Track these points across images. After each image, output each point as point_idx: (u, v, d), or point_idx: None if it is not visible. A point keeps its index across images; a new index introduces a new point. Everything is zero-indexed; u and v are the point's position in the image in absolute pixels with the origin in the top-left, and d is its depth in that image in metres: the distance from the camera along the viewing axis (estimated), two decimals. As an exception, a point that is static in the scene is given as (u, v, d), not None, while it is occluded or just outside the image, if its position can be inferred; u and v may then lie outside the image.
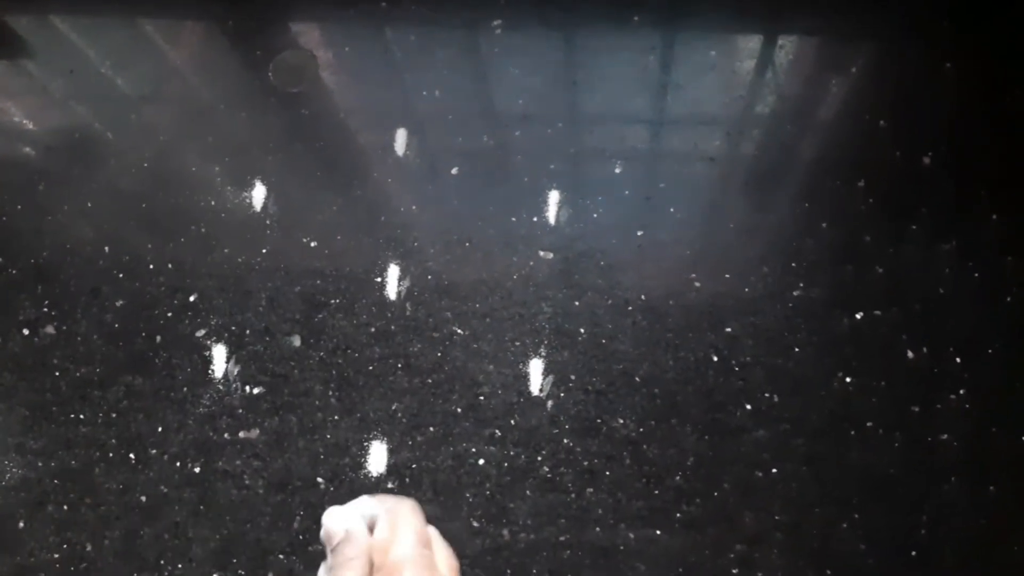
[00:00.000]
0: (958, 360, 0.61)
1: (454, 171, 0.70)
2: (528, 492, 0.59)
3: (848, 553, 0.56)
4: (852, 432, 0.60)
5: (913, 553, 0.56)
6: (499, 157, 0.72)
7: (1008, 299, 0.63)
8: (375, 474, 0.59)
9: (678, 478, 0.59)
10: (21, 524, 0.59)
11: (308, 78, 0.77)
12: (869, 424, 0.60)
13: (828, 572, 0.55)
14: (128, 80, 0.80)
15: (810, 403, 0.61)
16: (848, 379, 0.61)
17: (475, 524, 0.57)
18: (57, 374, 0.65)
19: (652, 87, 0.75)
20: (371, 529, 0.49)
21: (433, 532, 0.49)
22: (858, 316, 0.63)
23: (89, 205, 0.72)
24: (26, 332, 0.66)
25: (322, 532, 0.51)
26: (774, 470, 0.59)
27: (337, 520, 0.53)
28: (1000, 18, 0.76)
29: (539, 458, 0.60)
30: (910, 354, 0.62)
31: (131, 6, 0.84)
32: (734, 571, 0.56)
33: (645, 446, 0.60)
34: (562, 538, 0.57)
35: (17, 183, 0.74)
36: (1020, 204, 0.67)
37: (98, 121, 0.77)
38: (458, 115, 0.74)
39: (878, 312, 0.63)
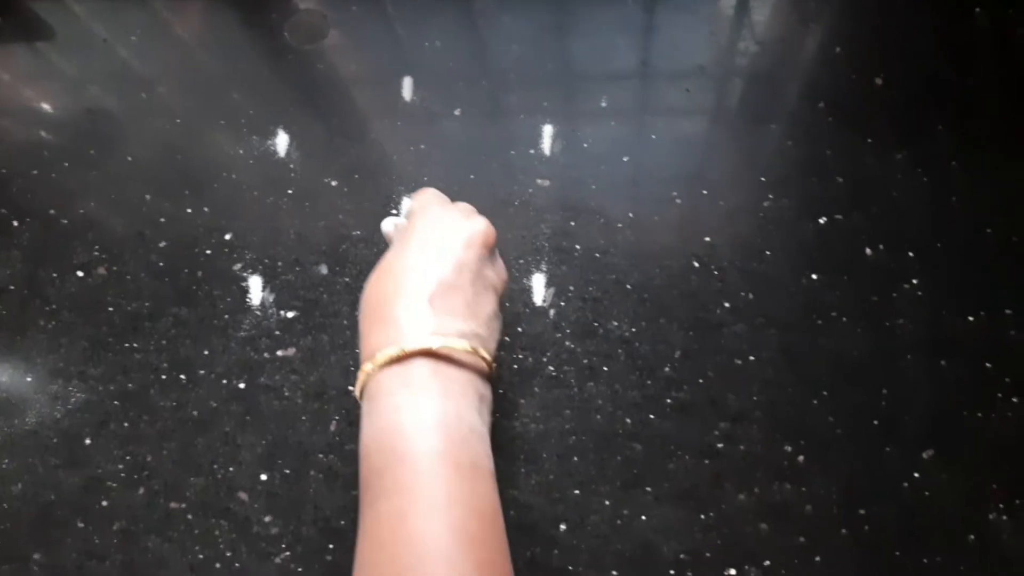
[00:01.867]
0: (911, 254, 0.63)
1: (457, 112, 0.72)
2: (536, 389, 0.60)
3: (819, 425, 0.58)
4: (819, 322, 0.62)
5: (875, 422, 0.58)
6: (497, 98, 0.73)
7: (953, 199, 0.65)
8: (400, 380, 0.62)
9: (667, 369, 0.61)
10: (88, 441, 0.61)
11: (321, 35, 0.78)
12: (834, 314, 0.62)
13: (802, 442, 0.57)
14: (150, 53, 0.80)
15: (782, 299, 0.63)
16: (815, 276, 0.63)
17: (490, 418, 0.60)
18: (111, 309, 0.66)
19: (633, 28, 0.76)
20: None
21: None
22: (822, 221, 0.65)
23: (130, 159, 0.73)
24: (80, 274, 0.68)
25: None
26: (751, 358, 0.61)
27: (386, 224, 0.54)
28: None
29: (544, 359, 0.62)
30: (868, 251, 0.64)
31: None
32: (719, 445, 0.58)
33: (637, 344, 0.62)
34: (567, 426, 0.59)
35: (64, 145, 0.75)
36: (963, 116, 0.68)
37: (128, 91, 0.78)
38: (458, 62, 0.76)
39: (840, 217, 0.65)
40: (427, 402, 0.39)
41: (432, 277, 0.43)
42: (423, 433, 0.38)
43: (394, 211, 0.68)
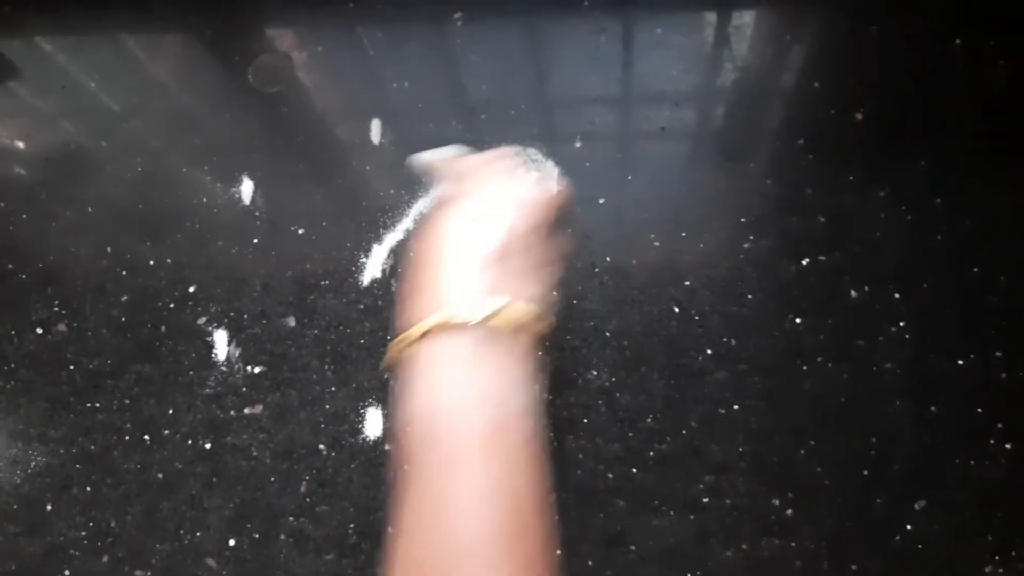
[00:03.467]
0: (896, 295, 0.63)
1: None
2: (514, 443, 0.60)
3: (806, 476, 0.57)
4: (804, 367, 0.61)
5: (864, 472, 0.57)
6: (467, 140, 0.72)
7: (938, 237, 0.65)
8: (372, 437, 0.61)
9: (649, 420, 0.60)
10: (49, 507, 0.60)
11: (286, 78, 0.77)
12: (819, 359, 0.61)
13: (789, 494, 0.57)
14: (115, 93, 0.80)
15: (764, 344, 0.62)
16: (798, 320, 0.63)
17: (468, 477, 0.59)
18: (71, 367, 0.65)
19: (604, 66, 0.76)
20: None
21: None
22: (804, 262, 0.65)
23: (89, 210, 0.72)
24: (39, 331, 0.67)
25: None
26: (735, 406, 0.60)
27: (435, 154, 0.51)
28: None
29: (522, 412, 0.61)
30: (853, 293, 0.63)
31: (113, 22, 0.85)
32: (705, 499, 0.57)
33: (618, 394, 0.61)
34: (548, 483, 0.59)
35: (20, 195, 0.74)
36: (945, 150, 0.68)
37: (90, 133, 0.78)
38: (427, 104, 0.75)
39: (822, 257, 0.65)
40: (470, 379, 0.38)
41: (483, 243, 0.41)
42: (465, 414, 0.37)
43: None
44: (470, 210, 0.43)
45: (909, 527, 0.56)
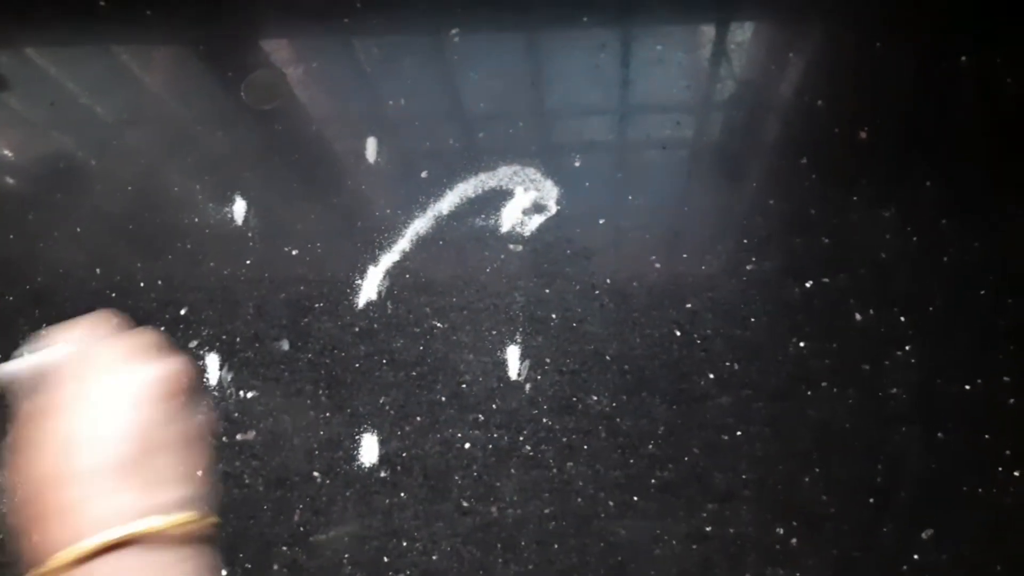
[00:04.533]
0: (902, 319, 0.63)
1: (424, 174, 0.71)
2: (513, 470, 0.59)
3: (812, 503, 0.57)
4: (808, 392, 0.61)
5: (871, 500, 0.57)
6: (466, 158, 0.72)
7: (945, 259, 0.65)
8: (367, 464, 0.60)
9: (651, 446, 0.60)
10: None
11: (280, 95, 0.77)
12: (824, 384, 0.61)
13: (794, 523, 0.57)
14: (107, 107, 0.80)
15: (768, 368, 0.62)
16: (802, 343, 0.63)
17: (465, 504, 0.58)
18: (60, 392, 0.65)
19: (604, 83, 0.76)
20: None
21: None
22: (808, 284, 0.65)
23: (78, 230, 0.72)
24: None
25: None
26: (739, 432, 0.60)
27: (10, 367, 0.39)
28: (923, -2, 0.78)
29: (521, 438, 0.61)
30: (858, 316, 0.63)
31: (105, 35, 0.84)
32: (708, 529, 0.57)
33: (619, 419, 0.61)
34: (547, 511, 0.58)
35: (7, 213, 0.74)
36: (952, 170, 0.68)
37: (81, 149, 0.77)
38: (424, 121, 0.75)
39: (826, 279, 0.65)
40: None
41: (99, 444, 0.34)
42: None
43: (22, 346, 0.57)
44: (78, 413, 0.35)
45: (916, 556, 0.55)
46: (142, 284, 0.69)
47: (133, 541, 0.31)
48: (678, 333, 0.64)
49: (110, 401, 0.34)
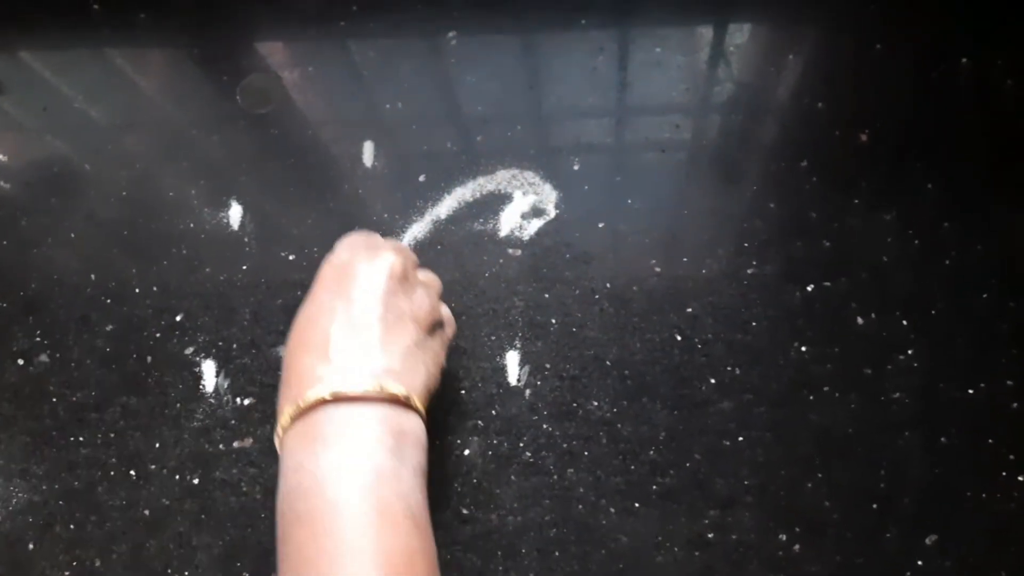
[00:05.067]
0: (904, 322, 0.63)
1: (421, 178, 0.71)
2: (513, 477, 0.59)
3: (814, 510, 0.57)
4: (810, 397, 0.61)
5: (874, 505, 0.57)
6: (463, 162, 0.72)
7: (947, 262, 0.65)
8: (366, 471, 0.60)
9: (652, 452, 0.60)
10: (31, 546, 0.59)
11: (275, 99, 0.77)
12: (826, 388, 0.61)
13: (797, 529, 0.57)
14: (101, 111, 0.79)
15: (769, 373, 0.62)
16: (803, 348, 0.63)
17: (464, 512, 0.58)
18: (54, 400, 0.64)
19: (602, 85, 0.75)
20: None
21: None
22: (809, 288, 0.65)
23: (72, 236, 0.72)
24: (21, 362, 0.66)
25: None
26: (740, 438, 0.60)
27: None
28: (922, 1, 0.78)
29: (521, 444, 0.60)
30: (859, 320, 0.63)
31: (99, 39, 0.84)
32: (709, 535, 0.57)
33: (619, 425, 0.61)
34: (547, 517, 0.58)
35: (1, 220, 0.74)
36: (953, 173, 0.68)
37: (74, 154, 0.77)
38: (421, 124, 0.75)
39: (827, 283, 0.65)
40: (326, 455, 0.40)
41: (335, 323, 0.44)
42: (323, 489, 0.38)
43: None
44: (322, 297, 0.47)
45: (920, 562, 0.55)
46: (137, 290, 0.69)
47: (331, 401, 0.41)
48: (678, 338, 0.64)
49: (345, 282, 0.46)
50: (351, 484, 0.38)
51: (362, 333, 0.43)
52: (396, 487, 0.39)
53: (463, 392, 0.62)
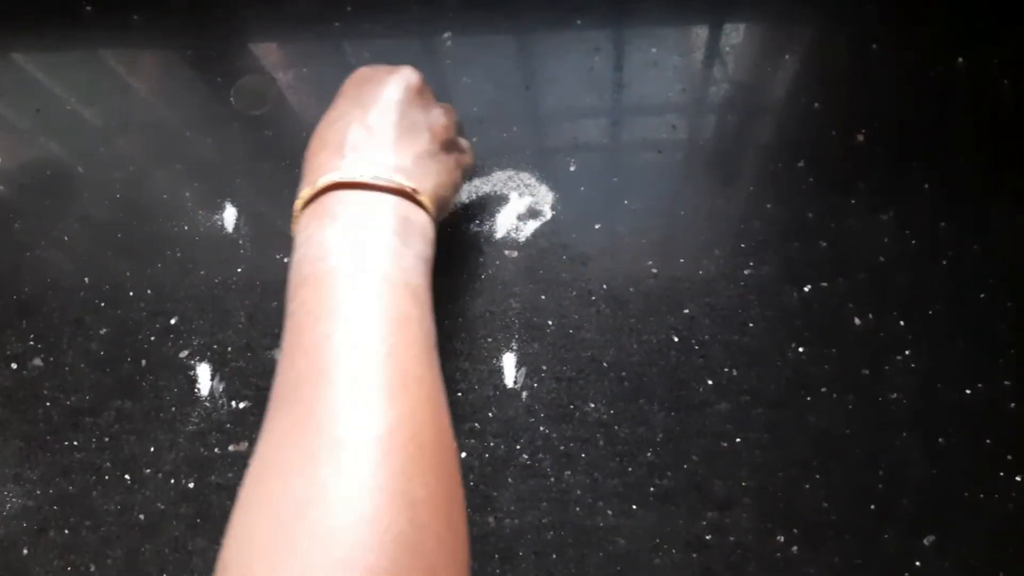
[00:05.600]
0: (902, 323, 0.63)
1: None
2: (510, 480, 0.59)
3: (812, 511, 0.57)
4: (808, 398, 0.61)
5: (872, 506, 0.57)
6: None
7: (944, 262, 0.65)
8: (363, 474, 0.60)
9: (649, 454, 0.60)
10: (25, 551, 0.59)
11: (270, 100, 0.77)
12: (823, 389, 0.61)
13: (795, 531, 0.57)
14: (94, 113, 0.79)
15: (767, 374, 0.62)
16: (801, 349, 0.63)
17: (462, 514, 0.58)
18: (48, 404, 0.64)
19: (599, 86, 0.76)
20: None
21: None
22: (806, 289, 0.65)
23: (66, 239, 0.72)
24: (14, 366, 0.66)
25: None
26: (738, 439, 0.60)
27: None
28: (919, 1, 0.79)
29: (518, 446, 0.61)
30: (857, 321, 0.63)
31: (91, 40, 0.84)
32: (707, 537, 0.57)
33: (616, 427, 0.61)
34: (545, 520, 0.58)
35: (-7, 220, 0.74)
36: (950, 173, 0.68)
37: (68, 156, 0.77)
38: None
39: (825, 284, 0.65)
40: (333, 227, 0.43)
41: (352, 124, 0.48)
42: (325, 253, 0.42)
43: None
44: (343, 103, 0.52)
45: (918, 563, 0.56)
46: (131, 293, 0.69)
47: (344, 185, 0.45)
48: (676, 339, 0.64)
49: (365, 91, 0.51)
50: (353, 252, 0.41)
51: (376, 135, 0.47)
52: (398, 262, 0.42)
53: (460, 395, 0.62)
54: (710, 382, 0.62)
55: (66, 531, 0.60)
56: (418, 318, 0.41)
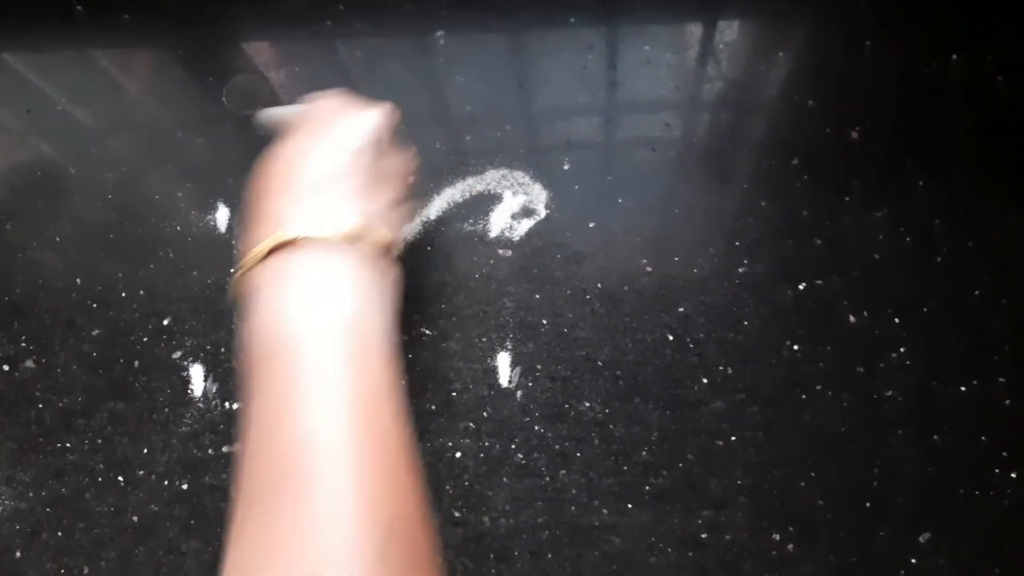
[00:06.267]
0: (896, 320, 0.63)
1: (410, 179, 0.71)
2: (505, 479, 0.59)
3: (807, 509, 0.57)
4: (803, 396, 0.61)
5: (867, 504, 0.57)
6: (452, 162, 0.72)
7: (939, 260, 0.65)
8: (357, 475, 0.60)
9: (644, 453, 0.60)
10: (18, 554, 0.59)
11: (262, 100, 0.77)
12: (818, 387, 0.61)
13: (790, 529, 0.57)
14: (85, 113, 0.79)
15: (762, 372, 0.62)
16: (796, 347, 0.63)
17: (456, 514, 0.58)
18: (40, 406, 0.64)
19: (593, 85, 0.76)
20: None
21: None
22: (801, 287, 0.65)
23: (58, 240, 0.72)
24: (6, 368, 0.66)
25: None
26: (733, 438, 0.60)
27: (267, 114, 0.57)
28: (912, -4, 0.79)
29: (513, 446, 0.61)
30: (852, 318, 0.64)
31: (82, 40, 0.84)
32: (703, 536, 0.57)
33: (612, 426, 0.61)
34: (540, 520, 0.58)
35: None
36: (944, 170, 0.69)
37: (59, 156, 0.77)
38: (410, 125, 0.74)
39: (819, 281, 0.65)
40: (297, 291, 0.40)
41: (318, 167, 0.45)
42: (292, 323, 0.38)
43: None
44: (306, 139, 0.47)
45: (914, 561, 0.56)
46: (124, 294, 0.68)
47: (313, 241, 0.42)
48: (670, 338, 0.64)
49: (333, 130, 0.47)
50: (324, 319, 0.38)
51: (341, 183, 0.44)
52: (370, 323, 0.40)
53: (454, 394, 0.62)
54: (705, 380, 0.62)
55: (59, 533, 0.60)
56: (395, 383, 0.40)
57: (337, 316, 0.39)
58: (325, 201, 0.43)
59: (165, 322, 0.67)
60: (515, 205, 0.70)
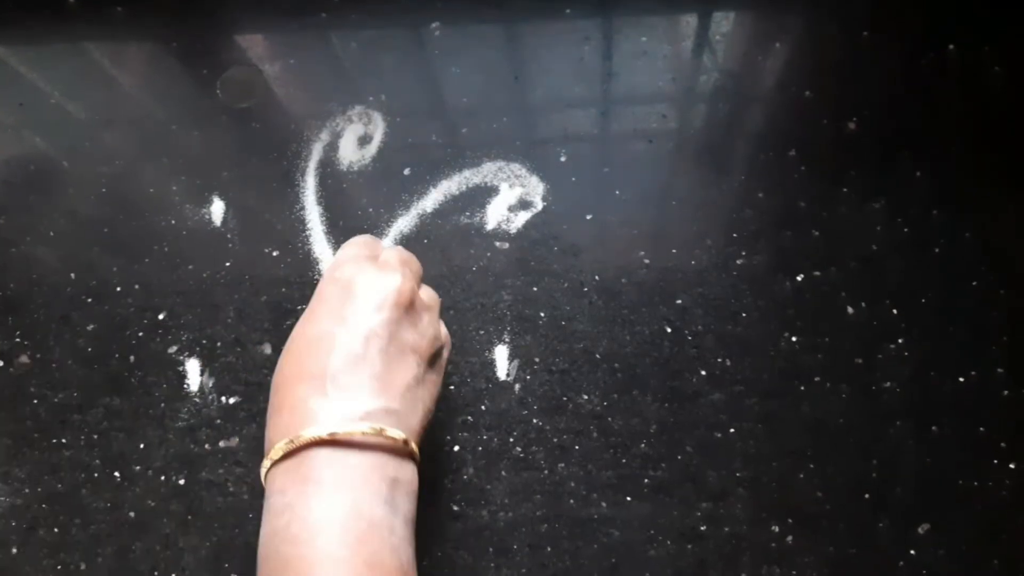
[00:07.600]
0: (895, 311, 0.63)
1: (406, 172, 0.71)
2: (503, 472, 0.59)
3: (807, 501, 0.57)
4: (801, 388, 0.61)
5: (866, 495, 0.57)
6: (449, 155, 0.72)
7: (936, 250, 0.65)
8: (355, 469, 0.60)
9: (643, 445, 0.60)
10: (14, 550, 0.59)
11: (257, 92, 0.76)
12: (816, 379, 0.61)
13: (789, 520, 0.57)
14: (79, 107, 0.78)
15: (760, 364, 0.62)
16: (794, 338, 0.63)
17: (455, 508, 0.58)
18: (36, 402, 0.64)
19: (589, 76, 0.76)
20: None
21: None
22: (799, 278, 0.65)
23: (51, 234, 0.71)
24: (1, 363, 0.66)
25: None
26: (732, 430, 0.60)
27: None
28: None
29: (511, 439, 0.60)
30: (850, 309, 0.64)
31: (75, 33, 0.83)
32: (702, 528, 0.57)
33: (610, 418, 0.61)
34: (539, 513, 0.58)
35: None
36: (942, 161, 0.69)
37: (53, 150, 0.76)
38: (405, 117, 0.74)
39: (817, 273, 0.65)
40: (319, 500, 0.38)
41: (336, 351, 0.42)
42: (313, 537, 0.37)
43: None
44: (324, 317, 0.45)
45: (913, 552, 0.56)
46: (119, 289, 0.68)
47: (329, 442, 0.40)
48: (668, 330, 0.64)
49: (350, 305, 0.44)
50: (343, 534, 0.37)
51: (362, 368, 0.41)
52: (388, 539, 0.39)
53: (452, 388, 0.62)
54: (703, 373, 0.62)
55: (56, 529, 0.59)
56: None
57: (353, 531, 0.38)
58: (346, 393, 0.41)
59: (160, 316, 0.67)
60: (512, 197, 0.70)
